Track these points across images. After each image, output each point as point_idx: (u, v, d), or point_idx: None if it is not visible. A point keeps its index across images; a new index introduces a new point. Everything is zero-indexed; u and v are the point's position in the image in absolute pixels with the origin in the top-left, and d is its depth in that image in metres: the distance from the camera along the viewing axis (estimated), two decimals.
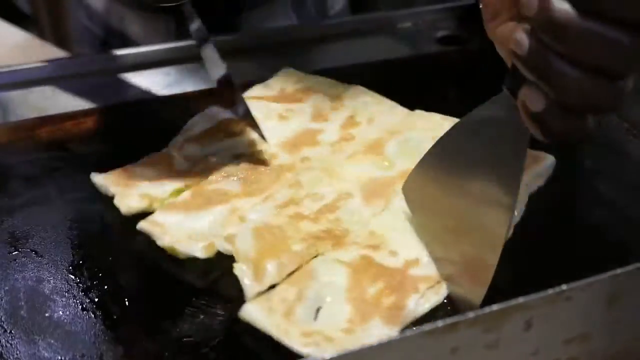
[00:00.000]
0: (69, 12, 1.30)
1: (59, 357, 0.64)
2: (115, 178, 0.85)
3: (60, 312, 0.68)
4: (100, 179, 0.84)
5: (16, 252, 0.74)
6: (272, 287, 0.70)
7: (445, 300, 0.69)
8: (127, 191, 0.82)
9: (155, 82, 1.05)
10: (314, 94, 0.99)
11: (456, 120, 0.77)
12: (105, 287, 0.70)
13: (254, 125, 0.90)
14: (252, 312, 0.68)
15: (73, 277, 0.71)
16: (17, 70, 1.03)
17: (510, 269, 0.68)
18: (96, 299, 0.69)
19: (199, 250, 0.75)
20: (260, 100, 0.98)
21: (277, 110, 0.96)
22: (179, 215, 0.79)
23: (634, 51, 0.49)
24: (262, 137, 0.90)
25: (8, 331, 0.66)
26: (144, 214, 0.79)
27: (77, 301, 0.69)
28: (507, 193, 0.63)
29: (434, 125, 0.89)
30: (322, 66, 1.07)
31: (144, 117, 0.96)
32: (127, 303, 0.68)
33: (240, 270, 0.72)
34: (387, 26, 1.19)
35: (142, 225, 0.78)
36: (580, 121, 0.52)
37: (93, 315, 0.67)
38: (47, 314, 0.67)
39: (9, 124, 0.94)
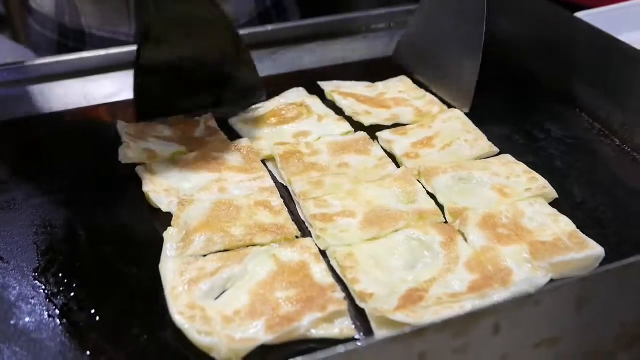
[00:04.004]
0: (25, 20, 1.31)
1: None
2: (133, 128, 0.91)
3: (26, 320, 0.66)
4: (120, 126, 0.91)
5: None
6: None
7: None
8: (135, 142, 0.88)
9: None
10: (407, 107, 0.97)
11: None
12: (72, 294, 0.69)
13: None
14: (166, 268, 0.70)
15: (39, 283, 0.70)
16: None
17: None
18: (62, 306, 0.68)
19: (165, 204, 0.79)
20: (352, 96, 0.99)
21: (357, 109, 0.96)
22: (174, 170, 0.84)
23: None
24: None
25: None
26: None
27: (43, 308, 0.67)
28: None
29: (508, 173, 0.82)
30: (297, 67, 1.06)
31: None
32: (93, 310, 0.67)
33: (170, 235, 0.74)
34: (362, 27, 1.20)
35: (139, 169, 0.84)
36: None
37: (59, 323, 0.66)
38: (12, 322, 0.66)
39: None
